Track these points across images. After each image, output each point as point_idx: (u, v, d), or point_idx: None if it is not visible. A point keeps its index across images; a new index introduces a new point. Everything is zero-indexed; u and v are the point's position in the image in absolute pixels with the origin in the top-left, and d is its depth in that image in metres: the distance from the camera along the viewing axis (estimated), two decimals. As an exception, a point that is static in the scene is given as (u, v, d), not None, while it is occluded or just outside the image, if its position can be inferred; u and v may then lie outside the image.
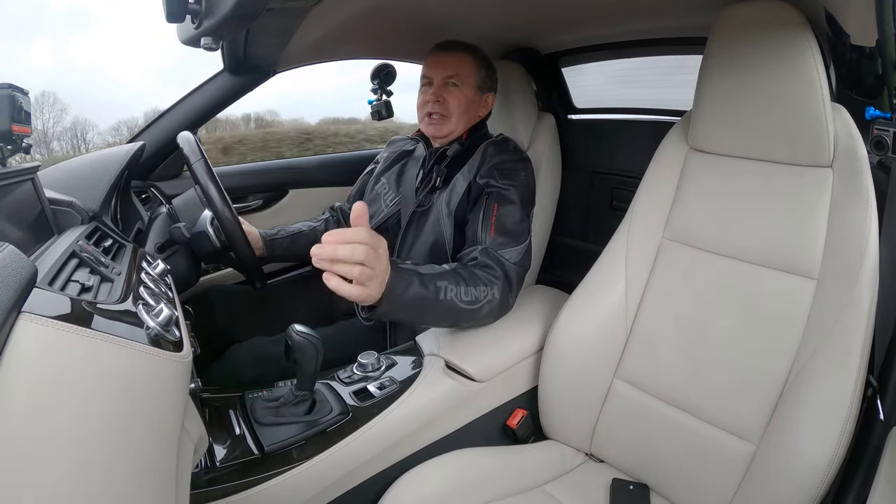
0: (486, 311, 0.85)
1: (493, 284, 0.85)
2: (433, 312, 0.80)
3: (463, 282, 0.81)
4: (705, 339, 0.78)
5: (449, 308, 0.80)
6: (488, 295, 0.84)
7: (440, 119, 1.05)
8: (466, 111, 1.06)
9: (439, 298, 0.78)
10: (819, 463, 0.63)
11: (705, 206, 0.83)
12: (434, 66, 1.07)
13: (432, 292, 0.77)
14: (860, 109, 0.73)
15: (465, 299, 0.81)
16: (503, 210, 0.94)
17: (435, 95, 1.05)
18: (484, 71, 1.08)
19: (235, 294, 1.18)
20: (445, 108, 1.05)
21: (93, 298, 0.47)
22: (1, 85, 0.63)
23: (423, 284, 0.76)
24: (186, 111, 1.26)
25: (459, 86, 1.05)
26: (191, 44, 0.63)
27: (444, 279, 0.79)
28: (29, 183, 0.66)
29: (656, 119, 1.33)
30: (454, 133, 1.07)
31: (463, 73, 1.05)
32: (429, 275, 0.78)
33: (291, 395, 0.78)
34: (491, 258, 0.89)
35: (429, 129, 1.08)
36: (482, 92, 1.08)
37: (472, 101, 1.07)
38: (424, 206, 1.06)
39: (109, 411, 0.34)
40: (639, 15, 1.08)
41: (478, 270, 0.86)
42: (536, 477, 0.83)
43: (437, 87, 1.05)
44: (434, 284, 0.78)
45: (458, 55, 1.06)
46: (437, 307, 0.78)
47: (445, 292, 0.79)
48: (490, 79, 1.10)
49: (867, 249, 0.67)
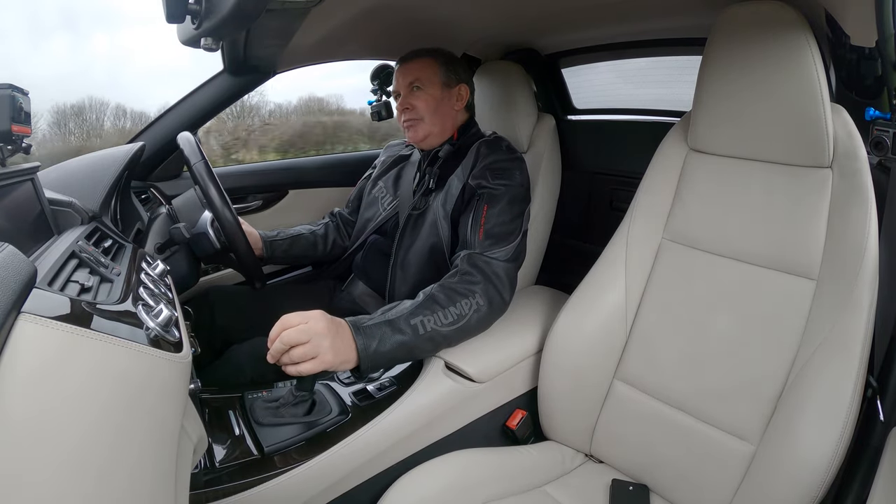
0: (476, 320, 0.84)
1: (473, 293, 0.85)
2: (419, 349, 0.81)
3: (439, 306, 0.82)
4: (705, 339, 0.78)
5: (433, 338, 0.80)
6: (472, 305, 0.84)
7: (414, 123, 1.07)
8: (437, 110, 1.06)
9: (419, 335, 0.79)
10: (819, 463, 0.63)
11: (705, 206, 0.83)
12: (397, 78, 1.09)
13: (409, 334, 0.78)
14: (860, 110, 0.73)
15: (446, 322, 0.81)
16: (492, 211, 0.94)
17: (402, 104, 1.07)
18: (446, 67, 1.08)
19: (235, 294, 1.18)
20: (415, 112, 1.06)
21: (92, 299, 0.46)
22: (1, 85, 0.63)
23: (396, 330, 0.77)
24: (186, 111, 1.26)
25: (423, 88, 1.06)
26: (191, 44, 0.63)
27: (418, 314, 0.80)
28: (29, 183, 0.66)
29: (656, 120, 1.33)
30: (432, 133, 1.07)
31: (423, 76, 1.06)
32: (400, 317, 0.79)
33: (291, 396, 0.78)
34: (472, 264, 0.88)
35: (408, 136, 1.10)
36: (449, 86, 1.08)
37: (440, 99, 1.07)
38: (420, 209, 1.06)
39: (109, 412, 0.34)
40: (638, 16, 1.08)
41: (457, 285, 0.86)
42: (536, 477, 0.83)
43: (404, 96, 1.07)
44: (408, 325, 0.78)
45: (415, 61, 1.08)
46: (420, 343, 0.79)
47: (423, 326, 0.79)
48: (455, 71, 1.09)
49: (867, 250, 0.67)
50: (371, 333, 0.76)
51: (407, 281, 1.05)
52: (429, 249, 1.03)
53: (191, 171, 0.94)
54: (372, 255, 1.14)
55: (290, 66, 1.31)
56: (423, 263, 1.03)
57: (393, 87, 1.12)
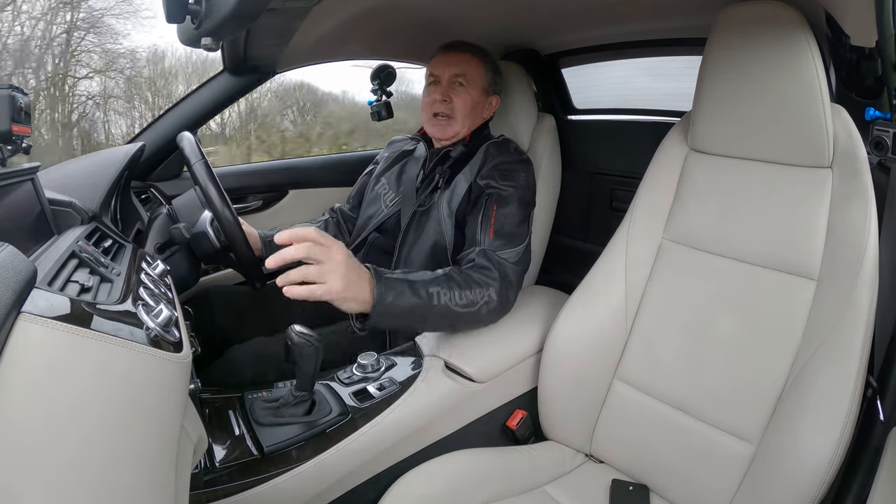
0: (485, 312, 0.85)
1: (488, 286, 0.85)
2: (428, 318, 0.81)
3: (456, 286, 0.82)
4: (705, 339, 0.78)
5: (444, 313, 0.80)
6: (484, 296, 0.84)
7: (445, 121, 1.05)
8: (471, 113, 1.06)
9: (432, 304, 0.79)
10: (819, 464, 0.63)
11: (705, 206, 0.83)
12: (441, 65, 1.06)
13: (425, 299, 0.78)
14: (860, 110, 0.73)
15: (459, 303, 0.81)
16: (502, 211, 0.94)
17: (442, 95, 1.05)
18: (490, 74, 1.08)
19: (235, 294, 1.18)
20: (451, 108, 1.05)
21: (92, 299, 0.46)
22: (1, 85, 0.63)
23: (414, 292, 0.77)
24: (186, 111, 1.26)
25: (466, 86, 1.04)
26: (191, 44, 0.62)
27: (437, 285, 0.80)
28: (29, 183, 0.66)
29: (656, 120, 1.33)
30: (458, 135, 1.07)
31: (470, 74, 1.05)
32: (420, 281, 0.79)
33: (291, 396, 0.78)
34: (488, 259, 0.89)
35: (433, 130, 1.08)
36: (487, 94, 1.08)
37: (476, 103, 1.06)
38: (425, 206, 1.05)
39: (109, 412, 0.34)
40: (639, 15, 1.08)
41: (473, 273, 0.86)
42: (536, 478, 0.83)
43: (445, 85, 1.05)
44: (426, 290, 0.78)
45: (466, 55, 1.06)
46: (430, 313, 0.79)
47: (438, 297, 0.79)
48: (496, 82, 1.10)
49: (867, 250, 0.67)
50: (391, 286, 0.75)
51: None
52: (432, 247, 1.03)
53: (190, 171, 0.94)
54: (373, 254, 1.14)
55: (291, 66, 1.31)
56: (425, 261, 1.03)
57: (431, 71, 1.08)
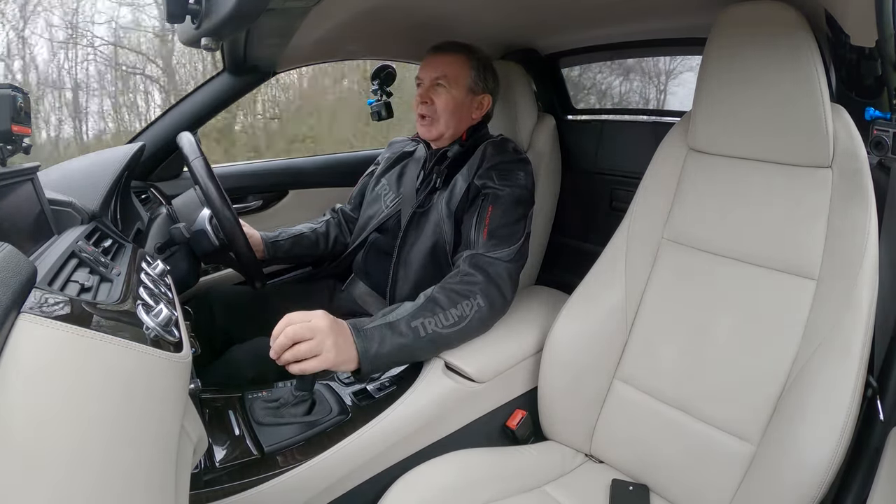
0: (477, 320, 0.85)
1: (473, 294, 0.85)
2: (419, 351, 0.81)
3: (440, 308, 0.82)
4: (705, 339, 0.78)
5: (434, 339, 0.81)
6: (472, 306, 0.84)
7: (429, 121, 1.05)
8: (455, 113, 1.04)
9: (420, 336, 0.79)
10: (819, 463, 0.63)
11: (705, 206, 0.83)
12: (426, 67, 1.07)
13: (409, 335, 0.78)
14: (860, 110, 0.73)
15: (447, 324, 0.81)
16: (497, 211, 0.94)
17: (422, 97, 1.05)
18: (476, 72, 1.06)
19: (235, 294, 1.18)
20: (432, 109, 1.04)
21: (92, 299, 0.46)
22: (1, 85, 0.63)
23: (396, 333, 0.77)
24: (186, 111, 1.26)
25: (447, 87, 1.03)
26: (191, 44, 0.62)
27: (419, 316, 0.80)
28: (29, 183, 0.66)
29: (656, 120, 1.33)
30: (444, 135, 1.06)
31: (451, 74, 1.03)
32: (400, 319, 0.79)
33: (291, 396, 0.78)
34: (473, 264, 0.88)
35: (420, 131, 1.09)
36: (474, 93, 1.06)
37: (460, 103, 1.05)
38: (424, 207, 1.05)
39: (108, 412, 0.34)
40: (639, 15, 1.08)
41: (456, 286, 0.86)
42: (536, 478, 0.83)
43: (425, 87, 1.05)
44: (408, 326, 0.79)
45: (448, 56, 1.05)
46: (421, 345, 0.80)
47: (424, 328, 0.79)
48: (485, 80, 1.08)
49: (867, 250, 0.67)
50: (371, 336, 0.76)
51: (408, 280, 1.05)
52: (431, 248, 1.03)
53: (190, 170, 0.94)
54: (373, 255, 1.14)
55: (290, 66, 1.32)
56: (425, 262, 1.03)
57: (418, 74, 1.09)
